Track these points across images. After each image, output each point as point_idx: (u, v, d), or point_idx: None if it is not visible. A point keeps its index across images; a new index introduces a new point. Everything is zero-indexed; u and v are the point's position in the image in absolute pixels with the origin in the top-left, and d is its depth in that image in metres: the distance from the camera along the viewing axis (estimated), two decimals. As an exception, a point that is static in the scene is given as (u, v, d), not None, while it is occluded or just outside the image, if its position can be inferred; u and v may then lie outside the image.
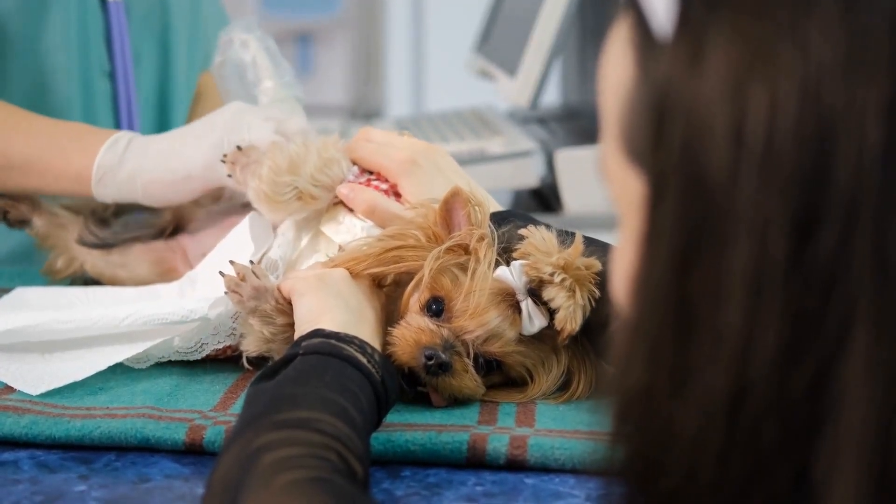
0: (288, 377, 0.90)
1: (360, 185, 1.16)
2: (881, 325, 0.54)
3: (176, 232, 1.34)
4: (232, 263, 1.06)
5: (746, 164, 0.54)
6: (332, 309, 1.00)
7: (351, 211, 1.16)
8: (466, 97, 2.61)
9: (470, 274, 1.02)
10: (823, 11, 0.54)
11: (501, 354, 1.03)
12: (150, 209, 1.34)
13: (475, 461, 0.95)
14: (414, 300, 1.04)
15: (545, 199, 1.98)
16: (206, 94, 1.69)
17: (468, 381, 1.02)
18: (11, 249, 1.51)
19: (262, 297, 1.05)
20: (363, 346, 0.95)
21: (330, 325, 0.97)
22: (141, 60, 1.59)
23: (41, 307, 1.23)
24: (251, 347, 1.07)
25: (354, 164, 1.19)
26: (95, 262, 1.35)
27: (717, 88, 0.55)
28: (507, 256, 1.04)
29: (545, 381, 1.05)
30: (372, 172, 1.18)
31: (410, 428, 0.98)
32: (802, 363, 0.54)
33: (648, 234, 0.58)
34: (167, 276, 1.31)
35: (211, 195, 1.29)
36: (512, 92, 1.96)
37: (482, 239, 1.03)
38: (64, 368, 1.09)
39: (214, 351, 1.12)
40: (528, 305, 1.02)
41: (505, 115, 2.33)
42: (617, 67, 0.60)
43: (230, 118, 1.27)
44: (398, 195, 1.16)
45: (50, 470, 0.96)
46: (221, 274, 1.05)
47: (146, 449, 0.99)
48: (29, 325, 1.11)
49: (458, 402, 1.03)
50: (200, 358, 1.12)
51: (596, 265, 1.01)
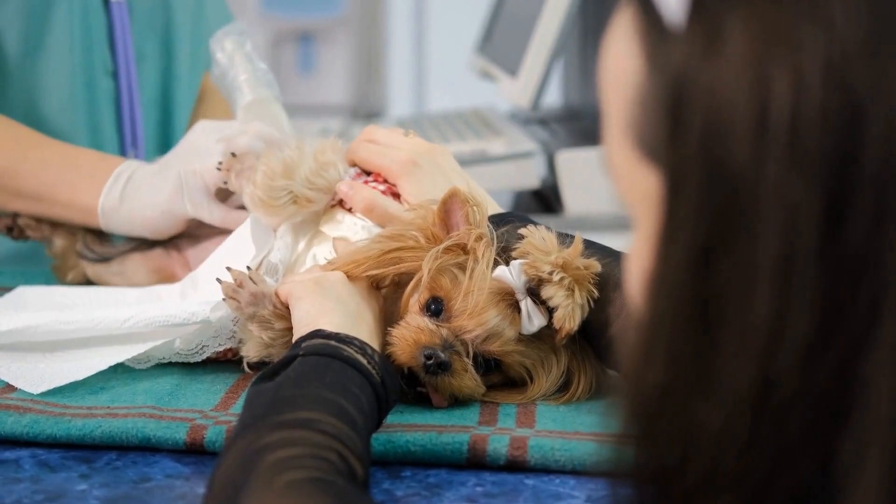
0: (288, 378, 0.90)
1: (358, 183, 1.17)
2: None
3: (176, 236, 1.34)
4: (229, 270, 1.06)
5: (771, 149, 0.53)
6: (329, 312, 1.00)
7: (349, 212, 1.16)
8: (468, 97, 2.61)
9: (468, 273, 1.02)
10: None
11: (501, 354, 1.03)
12: None
13: (475, 462, 0.96)
14: (413, 300, 1.04)
15: (546, 200, 1.98)
16: (209, 94, 1.69)
17: (468, 380, 1.02)
18: (15, 249, 1.51)
19: (259, 302, 1.05)
20: (363, 346, 0.95)
21: (328, 327, 0.97)
22: (144, 60, 1.59)
23: (43, 307, 1.24)
24: (251, 353, 1.07)
25: (355, 165, 1.19)
26: (96, 270, 1.37)
27: (737, 74, 0.53)
28: (505, 256, 1.04)
29: (545, 381, 1.05)
30: (370, 174, 1.18)
31: (411, 428, 0.98)
32: (830, 352, 0.53)
33: (666, 229, 0.56)
34: (165, 282, 1.32)
35: (220, 194, 1.30)
36: (513, 92, 1.97)
37: (480, 238, 1.03)
38: (65, 368, 1.09)
39: (215, 353, 1.13)
40: (527, 304, 1.02)
41: (506, 115, 2.33)
42: (621, 60, 0.58)
43: (185, 147, 1.30)
44: (396, 196, 1.16)
45: (51, 469, 0.96)
46: (219, 281, 1.06)
47: (147, 448, 0.99)
48: (31, 325, 1.12)
49: (458, 402, 1.04)
50: (201, 360, 1.13)
51: (595, 265, 1.01)
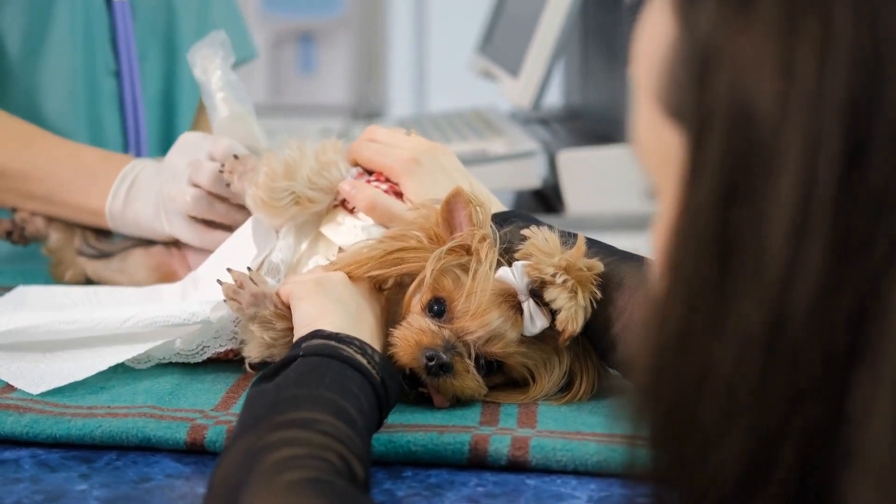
0: (288, 379, 0.90)
1: (361, 182, 1.16)
2: None
3: None
4: (230, 271, 1.06)
5: (796, 95, 0.54)
6: (330, 312, 0.99)
7: (351, 212, 1.15)
8: (469, 98, 2.60)
9: (471, 275, 1.02)
10: None
11: (503, 355, 1.03)
12: None
13: (477, 462, 0.95)
14: (415, 301, 1.04)
15: (547, 199, 1.98)
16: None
17: (470, 381, 1.02)
18: (15, 249, 1.51)
19: (261, 303, 1.04)
20: (363, 347, 0.95)
21: (328, 328, 0.97)
22: (146, 60, 1.59)
23: (43, 306, 1.23)
24: (253, 353, 1.06)
25: (357, 164, 1.19)
26: (96, 267, 1.36)
27: (767, 26, 0.55)
28: (508, 257, 1.04)
29: (547, 382, 1.05)
30: (372, 173, 1.18)
31: (412, 429, 0.98)
32: (844, 292, 0.54)
33: (690, 177, 0.57)
34: (166, 281, 1.32)
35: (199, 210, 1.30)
36: (514, 92, 1.96)
37: (484, 239, 1.03)
38: (65, 368, 1.09)
39: (216, 354, 1.12)
40: (529, 306, 1.01)
41: (507, 115, 2.33)
42: (655, 31, 0.60)
43: (166, 166, 1.29)
44: (398, 195, 1.16)
45: (51, 469, 0.96)
46: (220, 282, 1.05)
47: (147, 448, 0.99)
48: (31, 325, 1.11)
49: (459, 402, 1.03)
50: (201, 360, 1.12)
51: (598, 266, 1.01)
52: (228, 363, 1.13)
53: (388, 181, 1.17)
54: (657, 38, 0.60)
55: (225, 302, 1.06)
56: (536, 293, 1.01)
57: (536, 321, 1.02)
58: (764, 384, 0.56)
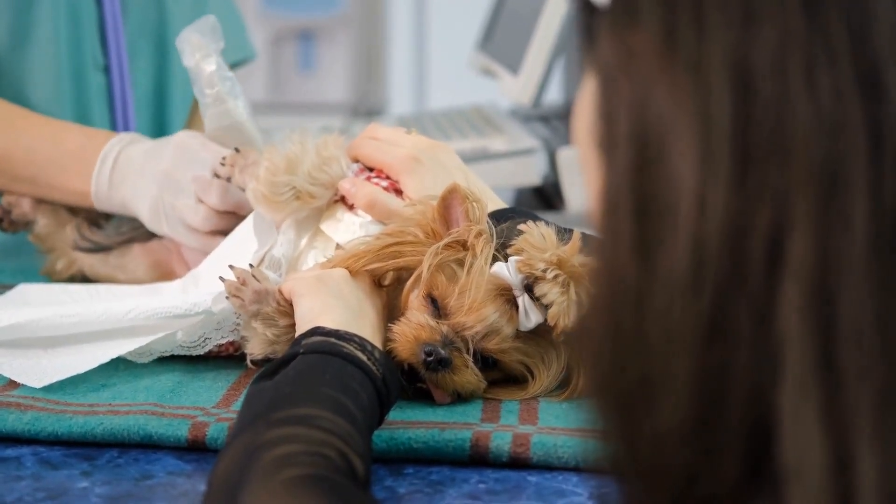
0: (288, 376, 0.90)
1: (361, 180, 1.16)
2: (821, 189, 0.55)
3: None
4: (232, 268, 1.06)
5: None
6: (331, 308, 0.99)
7: (350, 208, 1.15)
8: (469, 95, 2.60)
9: (466, 269, 1.02)
10: None
11: (499, 351, 1.03)
12: None
13: (478, 459, 0.95)
14: (413, 297, 1.04)
15: (547, 197, 1.98)
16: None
17: (469, 376, 1.02)
18: (12, 242, 1.51)
19: (263, 300, 1.05)
20: (363, 343, 0.95)
21: (329, 324, 0.97)
22: (137, 57, 1.58)
23: (44, 303, 1.23)
24: (256, 350, 1.07)
25: (357, 161, 1.19)
26: (93, 264, 1.35)
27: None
28: (505, 252, 1.04)
29: (545, 377, 1.05)
30: (372, 170, 1.18)
31: (413, 425, 0.98)
32: (754, 230, 0.56)
33: (605, 156, 0.60)
34: (165, 278, 1.31)
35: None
36: (514, 90, 1.96)
37: (480, 235, 1.03)
38: (67, 362, 1.09)
39: (217, 347, 1.12)
40: (524, 301, 1.01)
41: (507, 113, 2.32)
42: (585, 91, 0.64)
43: (164, 175, 1.27)
44: (398, 192, 1.16)
45: (52, 466, 0.96)
46: (222, 279, 1.05)
47: (149, 446, 0.99)
48: (32, 319, 1.11)
49: (461, 398, 1.03)
50: (203, 353, 1.12)
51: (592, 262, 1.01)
52: (230, 360, 1.13)
53: (388, 178, 1.17)
54: (587, 95, 0.63)
55: (227, 299, 1.06)
56: (531, 288, 1.01)
57: (531, 316, 1.02)
58: (696, 325, 0.57)
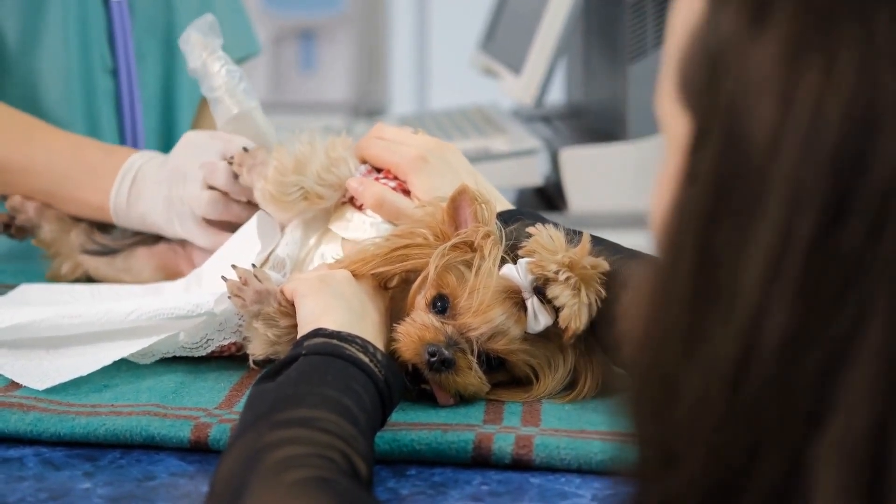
0: (290, 378, 0.90)
1: (369, 180, 1.16)
2: None
3: None
4: (234, 268, 1.06)
5: (790, 130, 0.53)
6: (333, 309, 0.99)
7: (359, 209, 1.15)
8: (471, 95, 2.60)
9: (475, 271, 1.02)
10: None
11: (506, 352, 1.03)
12: None
13: (481, 460, 0.95)
14: (419, 298, 1.04)
15: (550, 197, 1.98)
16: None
17: (472, 378, 1.02)
18: (17, 247, 1.51)
19: (265, 300, 1.04)
20: (365, 345, 0.94)
21: (331, 325, 0.96)
22: (145, 60, 1.59)
23: (45, 303, 1.23)
24: (257, 351, 1.06)
25: (365, 161, 1.19)
26: (99, 267, 1.35)
27: (773, 51, 0.54)
28: (513, 254, 1.04)
29: (551, 380, 1.04)
30: (380, 171, 1.18)
31: (416, 427, 0.98)
32: (812, 348, 0.54)
33: (685, 176, 0.57)
34: (171, 280, 1.31)
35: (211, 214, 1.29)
36: (516, 90, 1.96)
37: (488, 236, 1.03)
38: (69, 364, 1.09)
39: (219, 347, 1.12)
40: (533, 303, 1.01)
41: (509, 113, 2.32)
42: (689, 8, 0.59)
43: (171, 170, 1.28)
44: (406, 192, 1.16)
45: (55, 467, 0.96)
46: (224, 279, 1.05)
47: (151, 447, 0.99)
48: (34, 320, 1.11)
49: (464, 400, 1.03)
50: (205, 354, 1.12)
51: (603, 264, 1.01)
52: (232, 360, 1.13)
53: (395, 178, 1.17)
54: (689, 16, 0.59)
55: (229, 299, 1.06)
56: (540, 290, 1.01)
57: (540, 318, 1.02)
58: (726, 421, 0.55)
